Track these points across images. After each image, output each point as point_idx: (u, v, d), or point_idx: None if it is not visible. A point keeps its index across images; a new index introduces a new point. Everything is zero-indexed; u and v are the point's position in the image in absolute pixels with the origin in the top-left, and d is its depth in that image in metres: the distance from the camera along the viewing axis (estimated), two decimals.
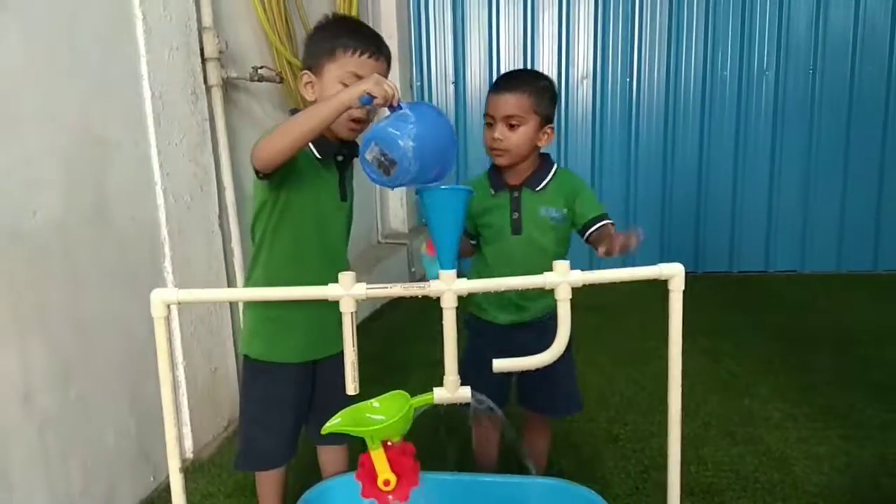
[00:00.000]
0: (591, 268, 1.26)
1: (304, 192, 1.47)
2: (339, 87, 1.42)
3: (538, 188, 1.69)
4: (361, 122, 1.47)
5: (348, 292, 1.23)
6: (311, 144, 1.45)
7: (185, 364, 2.13)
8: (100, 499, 1.78)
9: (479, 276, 1.71)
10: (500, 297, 1.72)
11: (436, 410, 1.35)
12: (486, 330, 1.74)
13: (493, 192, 1.71)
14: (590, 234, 1.66)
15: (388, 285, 1.30)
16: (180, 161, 2.15)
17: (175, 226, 2.10)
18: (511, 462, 1.94)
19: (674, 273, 1.28)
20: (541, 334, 1.68)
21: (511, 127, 1.61)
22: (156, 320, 1.24)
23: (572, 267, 1.24)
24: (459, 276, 1.25)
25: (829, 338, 3.26)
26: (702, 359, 2.96)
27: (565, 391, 1.80)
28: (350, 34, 1.45)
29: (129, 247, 1.93)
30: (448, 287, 1.25)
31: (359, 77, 1.41)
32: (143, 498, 1.95)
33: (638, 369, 2.90)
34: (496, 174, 1.71)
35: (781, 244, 4.69)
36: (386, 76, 1.47)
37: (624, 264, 1.31)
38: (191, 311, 2.15)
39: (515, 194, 1.69)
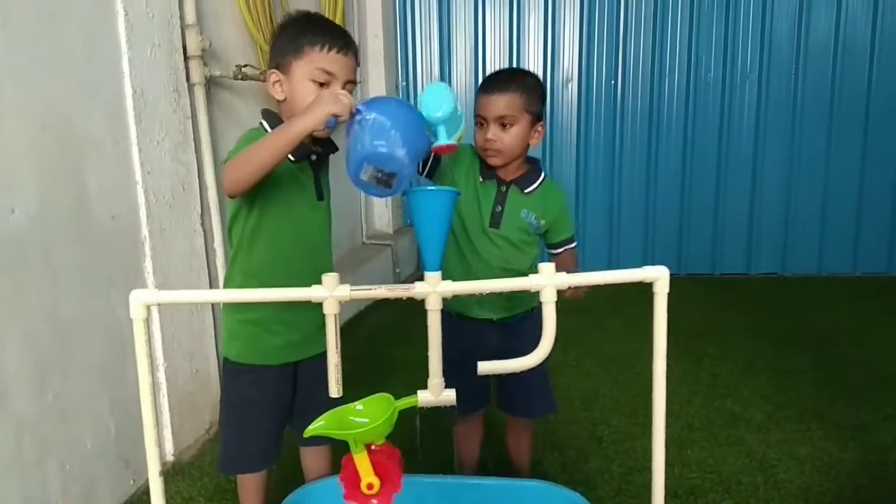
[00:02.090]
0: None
1: (279, 196, 1.45)
2: (308, 84, 1.40)
3: (526, 190, 1.69)
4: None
5: (332, 294, 1.21)
6: None
7: (166, 366, 2.10)
8: (78, 503, 1.75)
9: (451, 269, 1.69)
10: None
11: (419, 412, 1.34)
12: (460, 329, 1.68)
13: (481, 180, 1.69)
14: (552, 253, 1.74)
15: (373, 287, 1.28)
16: (162, 159, 2.12)
17: (156, 225, 2.08)
18: (495, 463, 1.94)
19: (658, 276, 1.28)
20: (513, 335, 1.71)
21: (503, 127, 1.61)
22: (135, 322, 1.21)
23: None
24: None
25: (809, 340, 3.29)
26: (685, 360, 2.98)
27: (542, 392, 1.80)
28: (317, 30, 1.42)
29: (109, 246, 1.90)
30: (433, 289, 1.24)
31: (328, 73, 1.40)
32: (122, 501, 1.92)
33: (622, 371, 2.90)
34: (487, 163, 1.69)
35: (763, 247, 4.74)
36: (354, 71, 1.46)
37: (609, 267, 1.31)
38: (172, 312, 2.12)
39: (503, 189, 1.69)
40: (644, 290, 1.26)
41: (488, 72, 4.76)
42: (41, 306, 1.64)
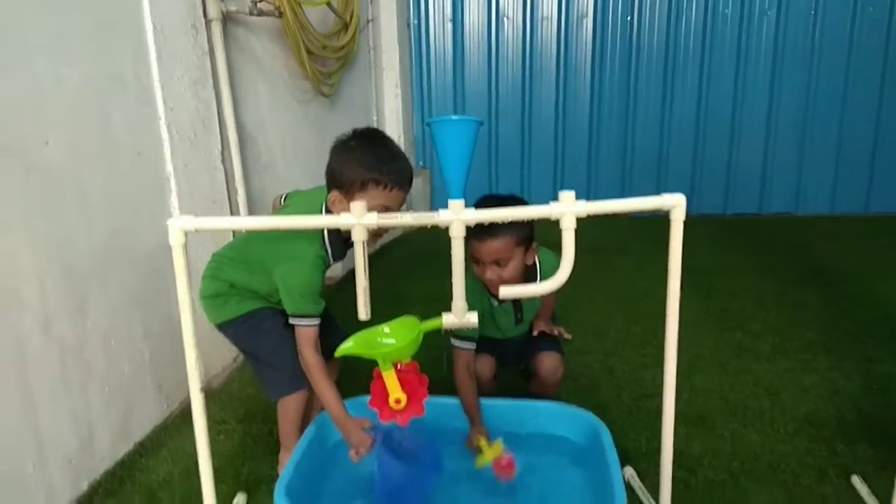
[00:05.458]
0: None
1: None
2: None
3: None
4: (380, 236, 1.61)
5: (360, 221, 1.27)
6: (330, 254, 1.60)
7: (193, 298, 2.17)
8: (118, 424, 1.85)
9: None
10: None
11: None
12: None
13: (496, 303, 1.81)
14: None
15: (398, 214, 1.34)
16: (183, 96, 2.14)
17: (179, 161, 2.11)
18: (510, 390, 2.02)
19: (675, 203, 1.33)
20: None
21: (500, 265, 1.66)
22: (174, 248, 1.27)
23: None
24: None
25: (819, 277, 3.34)
26: (695, 296, 3.03)
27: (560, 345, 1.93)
28: (381, 167, 1.49)
29: (136, 181, 1.95)
30: (456, 217, 1.28)
31: (386, 207, 1.49)
32: (157, 424, 2.03)
33: (632, 307, 2.97)
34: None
35: (776, 186, 4.74)
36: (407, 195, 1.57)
37: (622, 196, 1.36)
38: (199, 246, 2.17)
39: (518, 302, 1.83)
40: (653, 231, 1.30)
41: (502, 10, 4.70)
42: (77, 237, 1.70)
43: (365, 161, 1.50)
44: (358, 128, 1.60)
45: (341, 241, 1.61)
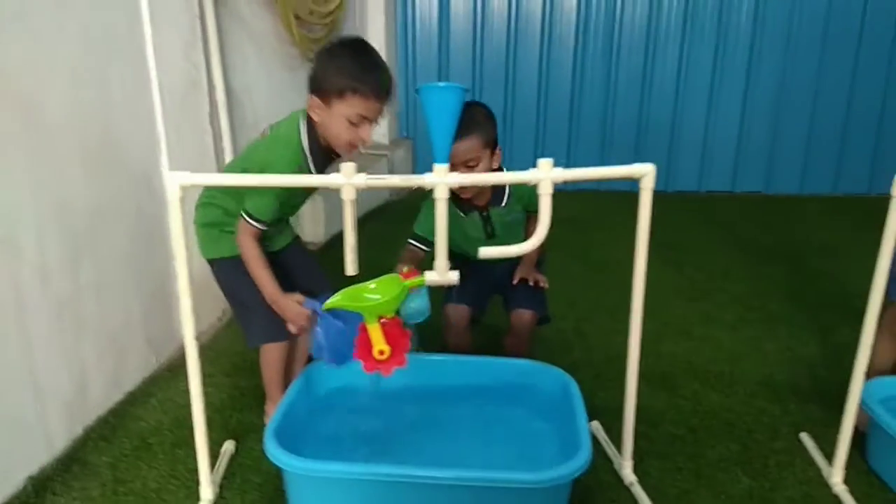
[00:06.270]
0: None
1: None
2: (345, 122, 1.55)
3: (502, 204, 1.89)
4: (356, 147, 1.62)
5: (349, 181, 1.34)
6: (310, 162, 1.63)
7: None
8: (109, 375, 1.92)
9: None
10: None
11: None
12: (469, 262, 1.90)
13: (462, 215, 1.90)
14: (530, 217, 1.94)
15: (386, 176, 1.42)
16: (174, 57, 2.18)
17: (171, 123, 2.16)
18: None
19: (645, 172, 1.42)
20: (509, 271, 1.94)
21: (469, 167, 1.72)
22: (170, 202, 1.34)
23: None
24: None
25: (785, 252, 3.48)
26: (665, 268, 3.15)
27: (540, 298, 2.00)
28: (361, 76, 1.53)
29: (129, 139, 1.99)
30: (441, 179, 1.37)
31: (364, 117, 1.55)
32: (146, 377, 2.10)
33: (606, 277, 3.08)
34: (461, 199, 1.85)
35: (749, 165, 4.86)
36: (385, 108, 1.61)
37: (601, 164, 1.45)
38: (189, 206, 2.22)
39: (485, 213, 1.90)
40: (629, 206, 1.38)
41: None
42: (74, 194, 1.75)
43: (346, 69, 1.53)
44: (345, 36, 1.63)
45: (322, 150, 1.63)
